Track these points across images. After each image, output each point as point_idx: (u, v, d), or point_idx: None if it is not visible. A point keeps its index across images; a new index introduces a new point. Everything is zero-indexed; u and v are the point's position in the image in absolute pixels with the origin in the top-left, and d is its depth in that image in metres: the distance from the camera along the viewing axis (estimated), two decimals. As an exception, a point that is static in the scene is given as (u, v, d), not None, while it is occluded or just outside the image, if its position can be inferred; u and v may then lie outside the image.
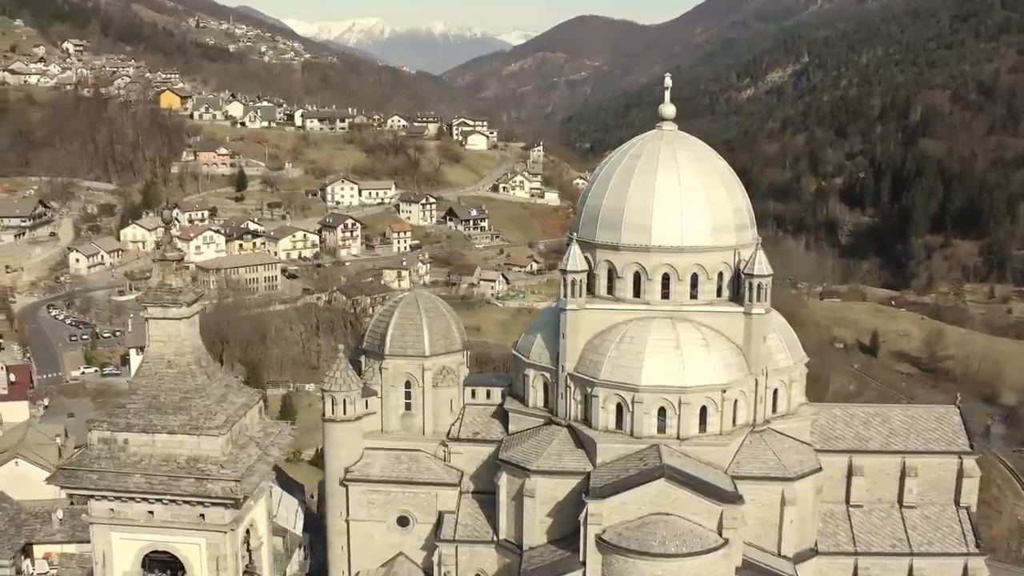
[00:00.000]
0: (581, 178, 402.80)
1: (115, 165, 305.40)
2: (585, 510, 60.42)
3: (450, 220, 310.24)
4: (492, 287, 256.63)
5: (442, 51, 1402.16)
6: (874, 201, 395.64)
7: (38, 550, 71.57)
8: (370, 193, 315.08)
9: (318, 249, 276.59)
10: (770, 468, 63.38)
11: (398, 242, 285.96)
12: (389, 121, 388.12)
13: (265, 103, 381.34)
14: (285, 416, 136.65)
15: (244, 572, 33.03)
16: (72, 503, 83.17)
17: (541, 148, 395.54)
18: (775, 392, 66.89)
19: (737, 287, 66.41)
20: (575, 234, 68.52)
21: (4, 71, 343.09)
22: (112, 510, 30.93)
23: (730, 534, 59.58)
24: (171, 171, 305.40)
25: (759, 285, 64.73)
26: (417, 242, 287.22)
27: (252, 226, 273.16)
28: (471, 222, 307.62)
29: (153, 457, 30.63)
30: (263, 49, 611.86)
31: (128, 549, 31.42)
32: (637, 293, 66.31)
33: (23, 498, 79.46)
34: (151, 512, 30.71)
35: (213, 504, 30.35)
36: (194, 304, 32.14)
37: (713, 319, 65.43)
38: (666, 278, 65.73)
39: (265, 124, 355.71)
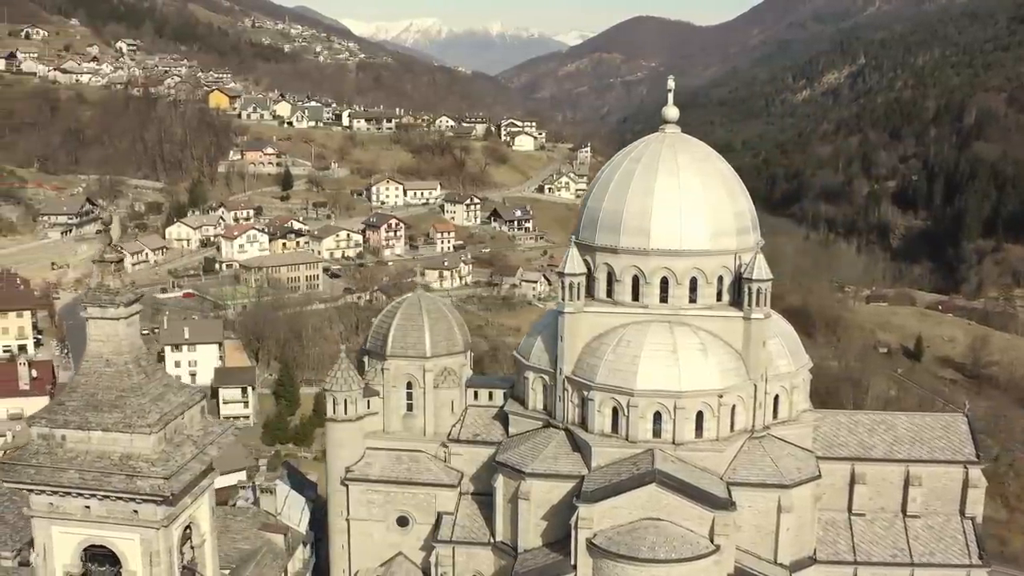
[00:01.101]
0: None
1: (163, 164, 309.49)
2: (576, 514, 60.17)
3: (494, 221, 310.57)
4: (534, 288, 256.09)
5: (499, 51, 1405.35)
6: (926, 204, 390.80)
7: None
8: (415, 193, 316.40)
9: (361, 248, 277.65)
10: (767, 475, 62.69)
11: (442, 242, 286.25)
12: (437, 121, 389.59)
13: (313, 103, 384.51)
14: (317, 415, 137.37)
15: (184, 568, 33.21)
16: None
17: (589, 149, 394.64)
18: (776, 398, 66.02)
19: (738, 291, 65.61)
20: (576, 237, 68.22)
21: (55, 70, 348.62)
22: (51, 504, 31.42)
23: (722, 541, 59.04)
24: (218, 170, 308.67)
25: (759, 290, 63.89)
26: (461, 242, 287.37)
27: (296, 225, 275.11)
28: (515, 223, 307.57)
29: (88, 453, 30.99)
30: (318, 49, 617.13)
31: (68, 542, 31.98)
32: (636, 296, 65.89)
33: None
34: (88, 507, 31.16)
35: (144, 501, 30.63)
36: (132, 305, 32.45)
37: (712, 323, 64.80)
38: (664, 281, 65.26)
39: (312, 124, 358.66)
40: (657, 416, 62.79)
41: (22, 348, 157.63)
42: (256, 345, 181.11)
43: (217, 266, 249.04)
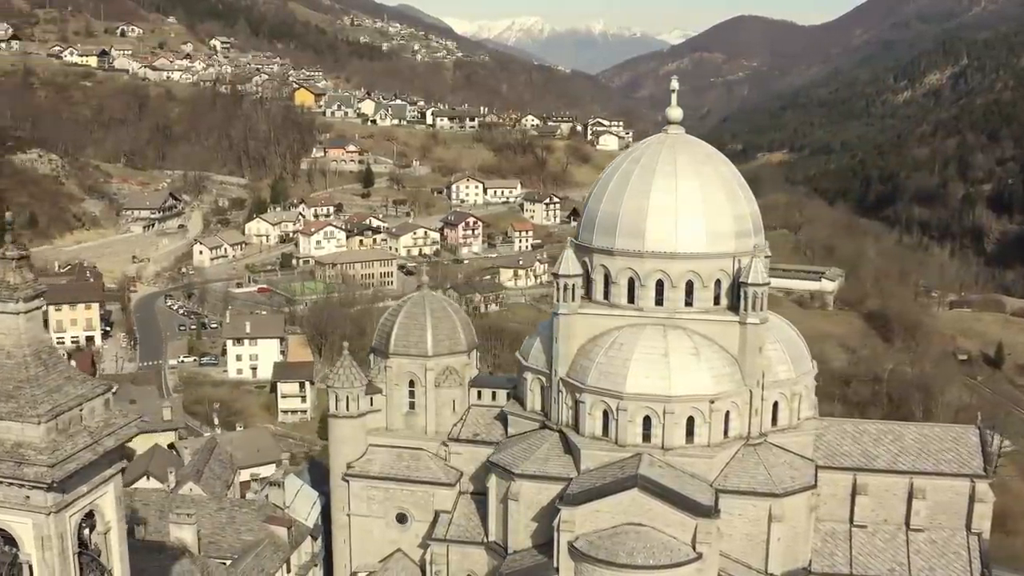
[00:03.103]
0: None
1: (248, 160, 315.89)
2: (558, 516, 59.84)
3: (574, 220, 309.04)
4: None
5: (601, 50, 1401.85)
6: (1023, 208, 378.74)
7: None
8: (495, 192, 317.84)
9: (438, 246, 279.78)
10: (758, 483, 61.55)
11: (519, 241, 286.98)
12: (523, 120, 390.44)
13: (397, 101, 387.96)
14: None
15: (81, 554, 34.07)
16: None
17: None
18: (775, 405, 64.73)
19: (737, 295, 64.51)
20: (575, 238, 67.91)
21: (146, 68, 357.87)
22: (-46, 489, 32.37)
23: (704, 548, 58.10)
24: (300, 167, 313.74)
25: (755, 294, 62.72)
26: (539, 241, 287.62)
27: (374, 222, 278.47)
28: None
29: (-14, 440, 31.89)
30: (415, 48, 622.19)
31: (-28, 523, 33.00)
32: (632, 299, 65.25)
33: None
34: (-13, 491, 32.05)
35: (34, 487, 31.51)
36: (32, 300, 33.34)
37: (707, 327, 63.81)
38: (660, 284, 64.44)
39: (395, 122, 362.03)
40: (647, 420, 62.10)
41: (89, 339, 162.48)
42: (320, 340, 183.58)
43: (294, 262, 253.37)
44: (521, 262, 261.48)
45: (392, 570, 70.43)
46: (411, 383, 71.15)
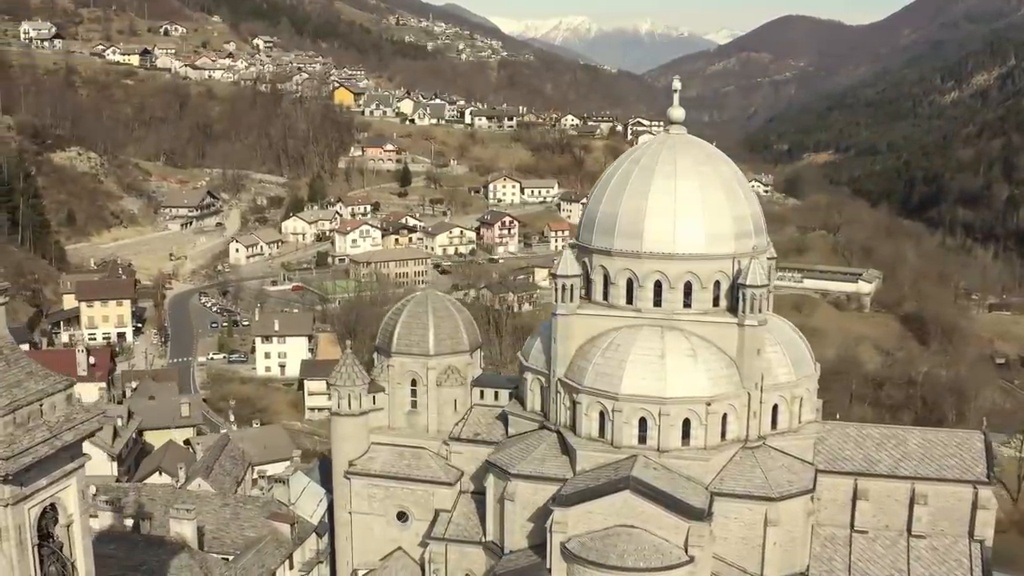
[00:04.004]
0: (756, 180, 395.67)
1: (287, 159, 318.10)
2: (550, 517, 59.77)
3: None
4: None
5: (648, 50, 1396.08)
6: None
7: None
8: (532, 191, 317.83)
9: (474, 246, 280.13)
10: (754, 486, 61.04)
11: (555, 241, 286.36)
12: (563, 120, 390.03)
13: (436, 100, 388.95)
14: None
15: (41, 546, 34.53)
16: (121, 480, 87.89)
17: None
18: (775, 408, 64.22)
19: (736, 297, 64.06)
20: (576, 238, 67.82)
21: (186, 67, 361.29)
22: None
23: (696, 552, 57.78)
24: (338, 166, 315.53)
25: (753, 296, 62.23)
26: (575, 241, 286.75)
27: (411, 221, 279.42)
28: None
29: (-53, 433, 32.37)
30: (460, 47, 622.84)
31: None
32: (630, 300, 65.01)
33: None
34: (-49, 483, 32.53)
35: (-11, 479, 31.97)
36: (-6, 298, 33.65)
37: (705, 329, 63.41)
38: (658, 285, 64.13)
39: (434, 121, 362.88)
40: (643, 422, 61.85)
41: (121, 336, 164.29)
42: (351, 339, 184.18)
43: (330, 260, 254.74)
44: (556, 262, 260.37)
45: (392, 568, 70.66)
46: (413, 382, 71.35)
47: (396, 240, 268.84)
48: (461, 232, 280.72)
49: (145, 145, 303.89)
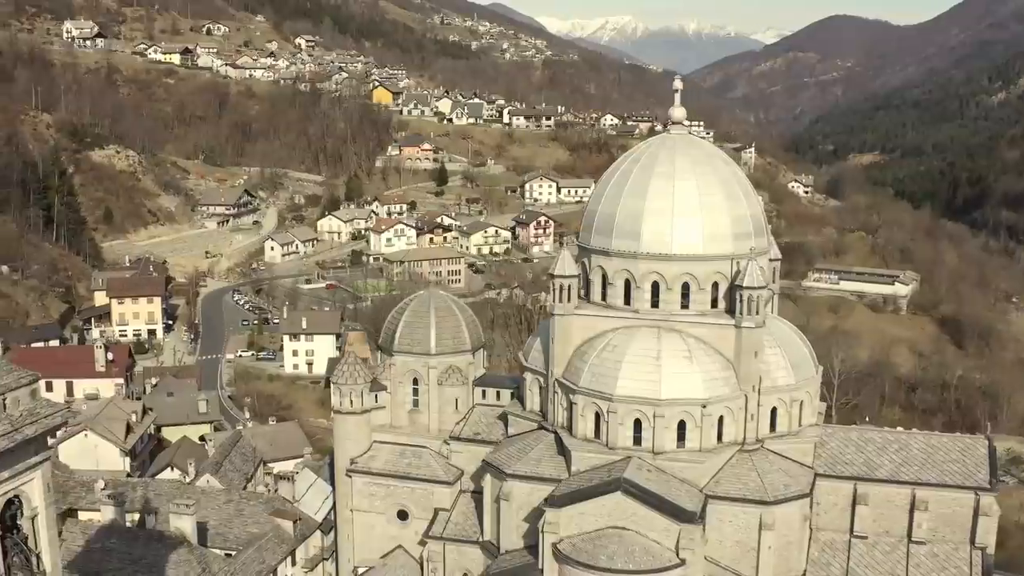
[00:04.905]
0: (796, 181, 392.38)
1: (325, 157, 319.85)
2: (543, 518, 59.71)
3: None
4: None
5: (695, 50, 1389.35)
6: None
7: (83, 516, 76.19)
8: (569, 191, 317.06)
9: (509, 245, 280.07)
10: (749, 490, 60.60)
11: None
12: (602, 120, 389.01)
13: (475, 100, 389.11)
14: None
15: (5, 537, 35.09)
16: (132, 475, 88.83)
17: (753, 150, 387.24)
18: (774, 411, 63.68)
19: (734, 298, 63.58)
20: (574, 239, 67.62)
21: (227, 65, 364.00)
22: None
23: (687, 555, 57.49)
24: (375, 164, 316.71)
25: (750, 297, 61.71)
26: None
27: (446, 220, 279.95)
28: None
29: (-85, 427, 33.01)
30: (504, 47, 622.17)
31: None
32: (628, 301, 64.72)
33: (91, 467, 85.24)
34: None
35: (-49, 470, 32.52)
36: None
37: (702, 331, 62.97)
38: (656, 286, 63.79)
39: (471, 120, 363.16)
40: (638, 423, 61.58)
41: (151, 333, 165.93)
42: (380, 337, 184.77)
43: (364, 259, 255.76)
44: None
45: (393, 566, 70.82)
46: (415, 381, 71.53)
47: (431, 239, 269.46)
48: (496, 231, 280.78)
49: (184, 143, 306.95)
